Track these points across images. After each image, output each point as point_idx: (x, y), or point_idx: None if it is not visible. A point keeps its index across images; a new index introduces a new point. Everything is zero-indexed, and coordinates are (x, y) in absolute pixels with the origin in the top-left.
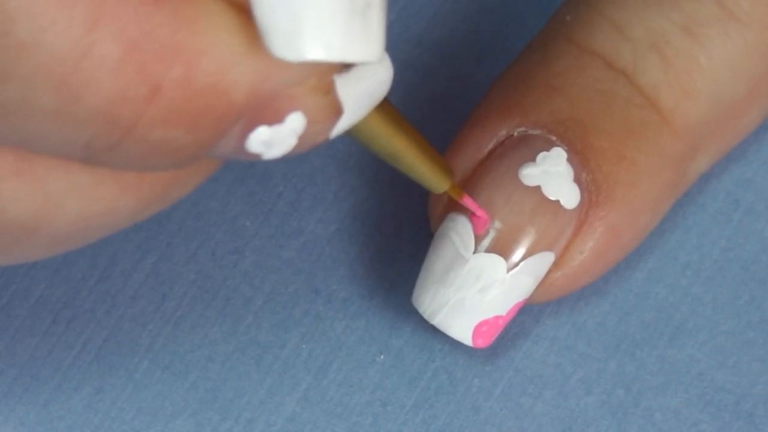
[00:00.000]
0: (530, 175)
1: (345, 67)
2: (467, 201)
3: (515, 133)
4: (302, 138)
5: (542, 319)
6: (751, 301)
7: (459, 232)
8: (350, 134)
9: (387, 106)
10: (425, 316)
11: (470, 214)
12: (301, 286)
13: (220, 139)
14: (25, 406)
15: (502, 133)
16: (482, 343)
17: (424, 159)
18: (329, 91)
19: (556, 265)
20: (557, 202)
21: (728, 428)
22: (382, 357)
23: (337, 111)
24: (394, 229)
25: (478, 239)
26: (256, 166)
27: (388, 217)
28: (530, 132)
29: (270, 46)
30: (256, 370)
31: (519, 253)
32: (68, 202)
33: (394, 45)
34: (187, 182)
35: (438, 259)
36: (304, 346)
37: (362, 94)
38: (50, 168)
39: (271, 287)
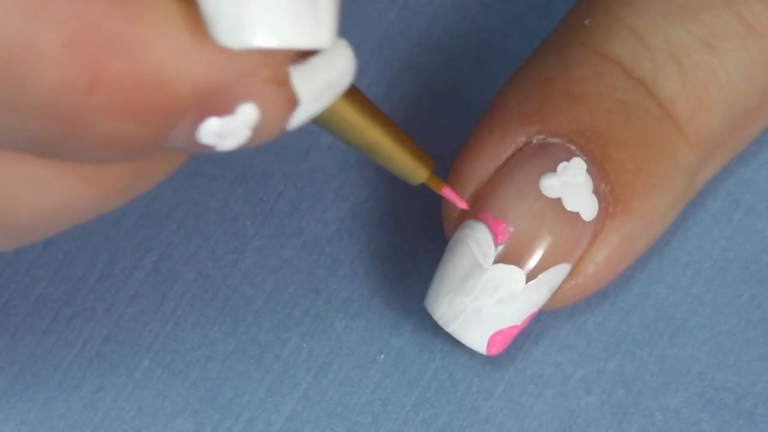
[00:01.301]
0: (551, 186)
1: (301, 57)
2: (447, 192)
3: (534, 140)
4: (256, 129)
5: (542, 319)
6: (752, 301)
7: (478, 240)
8: (320, 125)
9: (355, 96)
10: (440, 323)
11: (490, 223)
12: (302, 286)
13: (170, 130)
14: (25, 405)
15: (521, 140)
16: (495, 351)
17: (400, 149)
18: (284, 82)
19: (570, 275)
20: (577, 214)
21: (728, 427)
22: (382, 356)
23: (292, 102)
24: (394, 229)
25: (497, 249)
26: (255, 166)
27: (388, 217)
28: (549, 140)
29: (214, 34)
30: (256, 369)
31: (538, 264)
32: (24, 194)
33: (394, 44)
34: (151, 174)
35: (455, 267)
36: (304, 346)
37: (320, 84)
38: (2, 160)
39: (271, 287)
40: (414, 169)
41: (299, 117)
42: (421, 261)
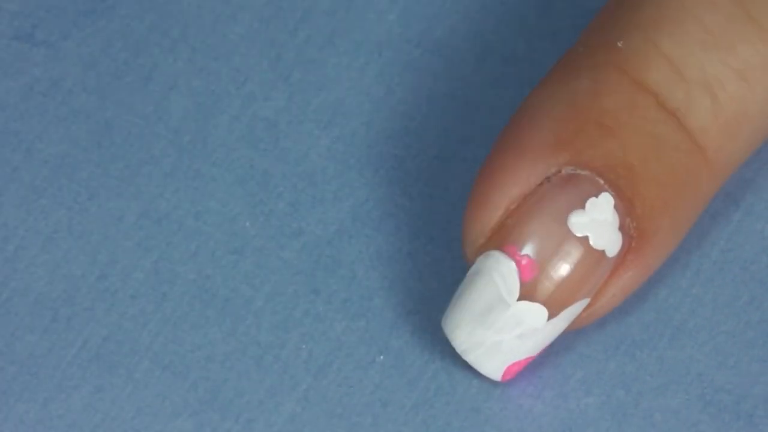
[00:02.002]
0: (579, 224)
1: None
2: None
3: (563, 171)
4: None
5: None
6: (751, 302)
7: (504, 276)
8: None
9: None
10: (458, 351)
11: (517, 259)
12: (301, 287)
13: None
14: (24, 405)
15: (552, 170)
16: (508, 378)
17: None
18: None
19: (587, 305)
20: (602, 251)
21: (728, 429)
22: (381, 357)
23: None
24: (394, 231)
25: (522, 285)
26: (255, 166)
27: (387, 219)
28: (579, 172)
29: None
30: (256, 370)
31: (561, 301)
32: None
33: (393, 45)
34: None
35: (479, 298)
36: (303, 347)
37: None
38: None
39: (271, 287)
40: None
41: None
42: (420, 262)
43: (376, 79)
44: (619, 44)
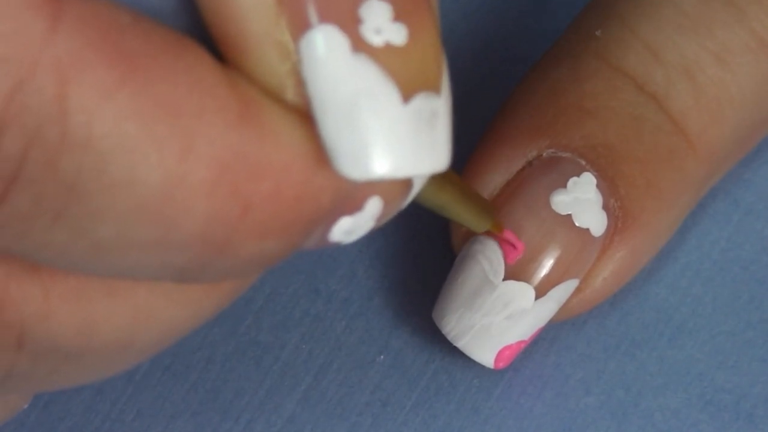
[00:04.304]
0: (562, 202)
1: None
2: (509, 235)
3: (545, 154)
4: (379, 219)
5: None
6: (751, 301)
7: (489, 257)
8: None
9: None
10: (449, 338)
11: (501, 240)
12: (301, 287)
13: (308, 239)
14: (25, 408)
15: (532, 154)
16: (502, 365)
17: (468, 205)
18: None
19: (578, 289)
20: (587, 230)
21: (728, 428)
22: (381, 357)
23: (409, 187)
24: (394, 230)
25: (508, 266)
26: None
27: None
28: (560, 154)
29: (337, 166)
30: (256, 370)
31: (547, 281)
32: (158, 311)
33: None
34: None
35: (465, 283)
36: (303, 347)
37: None
38: (138, 282)
39: (271, 287)
40: (480, 220)
41: (410, 198)
42: (420, 262)
43: None
44: (598, 33)
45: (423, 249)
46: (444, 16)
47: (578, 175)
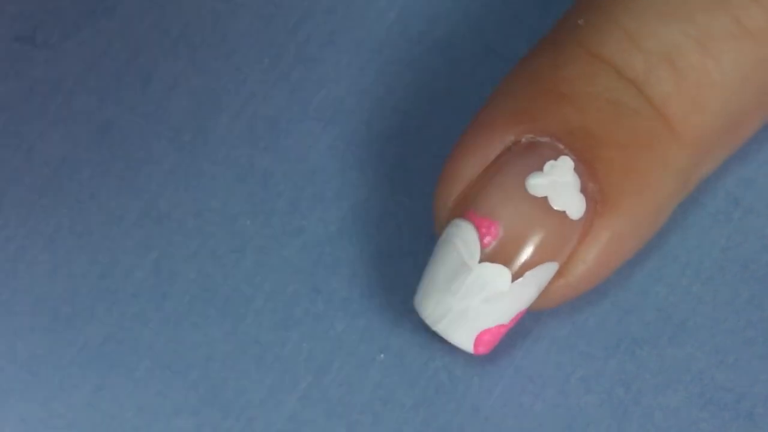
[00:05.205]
0: (538, 185)
1: None
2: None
3: (523, 139)
4: None
5: (542, 318)
6: (751, 300)
7: (464, 239)
8: None
9: None
10: (427, 322)
11: (476, 222)
12: (302, 286)
13: None
14: (25, 404)
15: (510, 139)
16: (483, 350)
17: None
18: None
19: (559, 274)
20: (563, 212)
21: (728, 427)
22: (382, 356)
23: None
24: (394, 229)
25: (483, 248)
26: (256, 164)
27: (388, 217)
28: (538, 139)
29: None
30: (256, 368)
31: (524, 263)
32: None
33: (394, 44)
34: None
35: (442, 266)
36: (304, 345)
37: None
38: None
39: (271, 286)
40: None
41: None
42: (420, 261)
43: (376, 77)
44: (580, 22)
45: (423, 248)
46: (444, 16)
47: (556, 159)
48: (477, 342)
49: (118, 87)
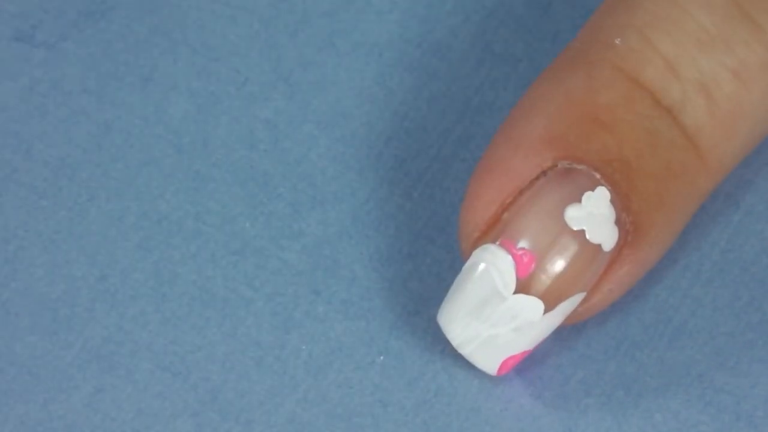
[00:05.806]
0: (576, 218)
1: None
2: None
3: (559, 165)
4: None
5: None
6: (751, 303)
7: (501, 270)
8: None
9: None
10: (453, 344)
11: (514, 253)
12: (301, 288)
13: None
14: (24, 406)
15: (546, 164)
16: (504, 372)
17: None
18: None
19: (583, 299)
20: (598, 245)
21: (728, 430)
22: (382, 358)
23: None
24: (394, 231)
25: (518, 278)
26: (255, 167)
27: (388, 219)
28: (575, 167)
29: None
30: (256, 370)
31: (557, 296)
32: None
33: (394, 47)
34: None
35: (474, 291)
36: (304, 347)
37: None
38: None
39: (271, 288)
40: None
41: None
42: (420, 263)
43: (376, 80)
44: (617, 41)
45: (423, 250)
46: (445, 18)
47: (592, 189)
48: (501, 367)
49: (118, 87)
